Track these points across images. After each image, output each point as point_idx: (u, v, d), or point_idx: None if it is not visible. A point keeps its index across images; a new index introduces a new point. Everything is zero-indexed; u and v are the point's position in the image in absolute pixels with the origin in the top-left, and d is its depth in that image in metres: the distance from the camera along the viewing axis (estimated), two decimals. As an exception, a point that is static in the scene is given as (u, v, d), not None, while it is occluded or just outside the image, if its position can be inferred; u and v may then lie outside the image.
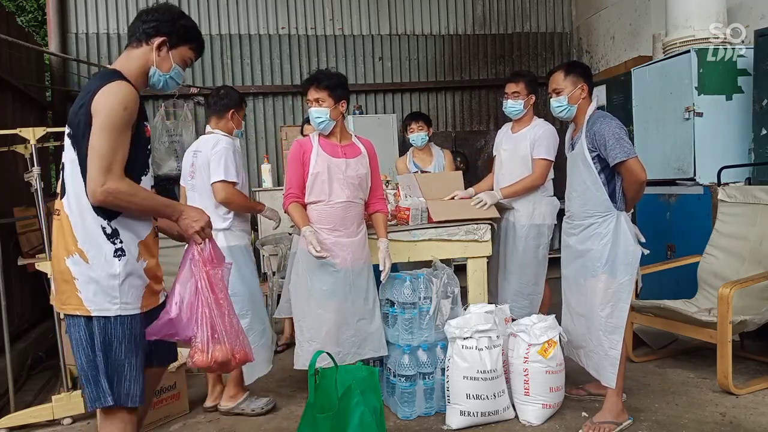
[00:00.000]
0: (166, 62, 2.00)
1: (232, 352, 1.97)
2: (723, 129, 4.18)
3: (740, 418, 2.89)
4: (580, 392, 3.19)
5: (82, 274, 1.86)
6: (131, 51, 1.99)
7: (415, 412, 3.04)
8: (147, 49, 1.98)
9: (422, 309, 3.08)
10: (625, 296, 2.78)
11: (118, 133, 1.80)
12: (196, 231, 1.96)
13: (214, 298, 1.95)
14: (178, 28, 2.01)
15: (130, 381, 1.90)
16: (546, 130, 3.60)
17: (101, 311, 1.86)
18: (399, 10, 7.17)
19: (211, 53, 6.72)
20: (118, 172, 1.80)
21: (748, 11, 4.78)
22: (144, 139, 1.94)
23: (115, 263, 1.87)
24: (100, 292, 1.86)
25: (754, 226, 3.58)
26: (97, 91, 1.82)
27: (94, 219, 1.87)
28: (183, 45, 2.03)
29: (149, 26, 1.97)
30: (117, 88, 1.83)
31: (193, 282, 1.94)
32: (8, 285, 3.41)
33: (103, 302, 1.86)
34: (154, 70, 1.99)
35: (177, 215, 1.96)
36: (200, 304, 1.93)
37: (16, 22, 5.61)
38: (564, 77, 2.89)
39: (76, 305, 1.87)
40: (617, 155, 2.67)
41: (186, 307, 1.92)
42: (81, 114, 1.84)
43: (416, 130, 4.37)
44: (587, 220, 2.84)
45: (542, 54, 7.53)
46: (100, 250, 1.86)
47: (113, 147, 1.79)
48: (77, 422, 3.21)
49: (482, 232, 3.43)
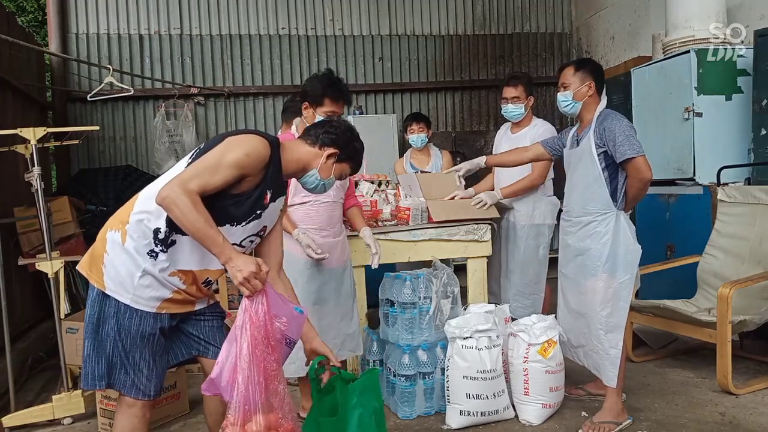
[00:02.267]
0: (327, 171, 2.14)
1: (270, 426, 1.81)
2: (723, 129, 4.18)
3: (740, 417, 2.89)
4: (579, 392, 3.19)
5: (113, 252, 1.90)
6: (301, 144, 2.14)
7: (415, 411, 3.04)
8: (318, 152, 2.11)
9: (422, 309, 3.08)
10: (625, 295, 2.78)
11: (219, 167, 1.84)
12: (240, 282, 1.79)
13: (256, 363, 1.77)
14: (351, 148, 2.18)
15: (134, 374, 1.92)
16: (545, 129, 3.60)
17: (115, 294, 1.90)
18: (399, 10, 7.17)
19: (212, 53, 6.73)
20: (191, 188, 1.79)
21: (747, 11, 4.78)
22: (257, 204, 1.96)
23: (143, 258, 1.89)
24: (119, 277, 1.89)
25: (753, 226, 3.58)
26: (234, 135, 1.94)
27: (158, 216, 1.88)
28: (346, 162, 2.18)
29: (328, 136, 2.12)
30: (254, 138, 1.93)
31: (237, 344, 1.78)
32: (8, 285, 3.41)
33: (119, 287, 1.89)
34: (315, 172, 2.12)
35: (224, 259, 1.81)
36: (240, 371, 1.76)
37: (17, 22, 5.61)
38: (573, 72, 2.88)
39: (96, 278, 1.92)
40: (626, 151, 2.67)
41: (227, 371, 1.77)
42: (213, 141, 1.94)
43: (416, 131, 4.37)
44: (586, 217, 2.84)
45: (542, 54, 7.54)
46: (141, 242, 1.89)
47: (204, 172, 1.83)
48: (77, 422, 3.21)
49: (482, 232, 3.43)
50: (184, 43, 6.70)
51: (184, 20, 6.71)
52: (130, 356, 1.91)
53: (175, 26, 6.69)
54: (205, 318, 2.10)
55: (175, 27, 6.69)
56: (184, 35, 6.70)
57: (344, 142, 2.15)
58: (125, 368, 1.92)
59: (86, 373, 1.93)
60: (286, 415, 1.84)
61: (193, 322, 2.09)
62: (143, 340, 1.92)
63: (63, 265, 3.12)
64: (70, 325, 3.42)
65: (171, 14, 6.68)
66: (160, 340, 1.97)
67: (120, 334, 1.90)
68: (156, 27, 6.65)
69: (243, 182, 1.90)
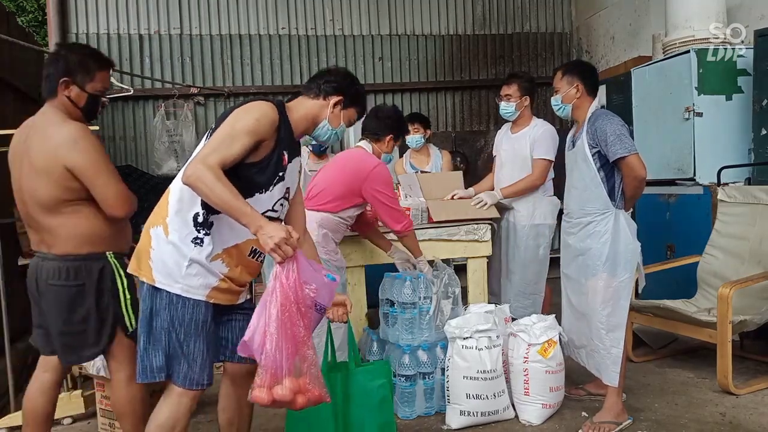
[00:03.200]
0: (337, 119, 2.16)
1: (299, 390, 1.84)
2: (723, 129, 4.18)
3: (740, 417, 2.89)
4: (579, 392, 3.19)
5: (158, 246, 1.94)
6: (307, 98, 2.15)
7: (415, 411, 3.04)
8: (323, 103, 2.13)
9: (422, 309, 3.08)
10: (625, 294, 2.78)
11: (235, 137, 1.87)
12: (271, 248, 1.80)
13: (284, 328, 1.79)
14: (354, 92, 2.19)
15: (189, 364, 1.94)
16: (545, 130, 3.60)
17: (165, 285, 1.92)
18: (399, 10, 7.17)
19: (211, 53, 6.72)
20: (212, 162, 1.81)
21: (747, 11, 4.78)
22: (278, 166, 2.00)
23: (188, 247, 1.92)
24: (167, 269, 1.92)
25: (753, 226, 3.58)
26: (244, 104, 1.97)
27: (192, 202, 1.92)
28: (352, 107, 2.20)
29: (330, 85, 2.14)
30: (260, 103, 1.97)
31: (267, 309, 1.81)
32: (8, 285, 3.41)
33: (168, 279, 1.92)
34: (325, 123, 2.14)
35: (254, 228, 1.82)
36: (269, 335, 1.79)
37: (17, 22, 5.62)
38: (561, 77, 2.93)
39: (146, 273, 1.94)
40: (618, 151, 2.68)
41: (258, 334, 1.81)
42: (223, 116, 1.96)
43: (412, 131, 4.37)
44: (585, 218, 2.84)
45: (542, 54, 7.53)
46: (183, 231, 1.93)
47: (221, 145, 1.85)
48: (78, 422, 3.21)
49: (482, 232, 3.43)
50: (184, 42, 6.69)
51: (184, 20, 6.71)
52: (185, 346, 1.94)
53: (175, 26, 6.69)
54: (235, 318, 2.13)
55: (175, 27, 6.69)
56: (184, 35, 6.70)
57: (347, 86, 2.17)
58: (180, 359, 1.94)
59: (144, 366, 1.94)
60: (314, 381, 1.87)
61: (225, 323, 2.11)
62: (197, 329, 1.95)
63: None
64: (70, 325, 3.41)
65: (171, 14, 6.67)
66: (211, 328, 2.00)
67: (173, 324, 1.93)
68: (156, 27, 6.65)
69: (260, 148, 1.94)
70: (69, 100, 2.26)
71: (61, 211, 2.18)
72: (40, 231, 2.25)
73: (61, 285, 2.18)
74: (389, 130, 3.09)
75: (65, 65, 2.23)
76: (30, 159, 2.20)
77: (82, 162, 2.11)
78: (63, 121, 2.21)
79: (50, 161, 2.15)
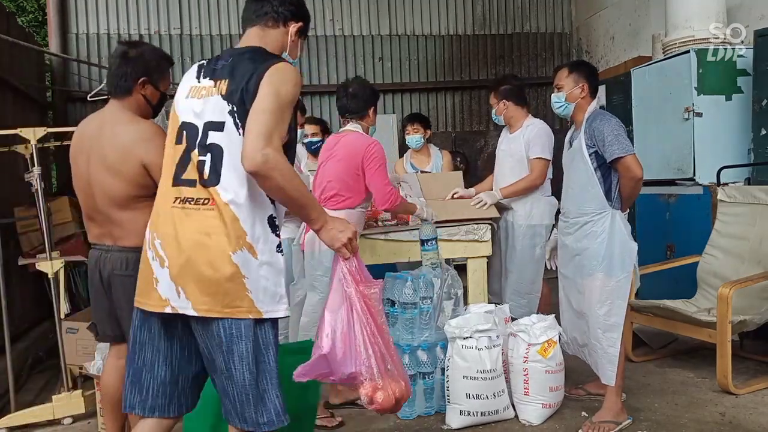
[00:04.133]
0: (296, 50, 1.90)
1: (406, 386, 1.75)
2: (722, 129, 4.18)
3: (740, 417, 2.89)
4: (579, 392, 3.19)
5: (252, 272, 1.66)
6: (267, 30, 1.83)
7: (414, 411, 3.04)
8: (283, 31, 1.85)
9: (423, 309, 3.08)
10: (622, 294, 2.78)
11: (284, 110, 1.66)
12: (343, 244, 1.68)
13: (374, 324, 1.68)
14: (306, 15, 1.93)
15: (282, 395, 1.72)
16: (539, 129, 3.61)
17: (273, 312, 1.70)
18: (399, 10, 7.17)
19: (211, 53, 6.72)
20: (278, 145, 1.61)
21: (747, 11, 4.78)
22: (295, 127, 1.82)
23: (277, 258, 1.71)
24: (269, 293, 1.69)
25: (753, 226, 3.58)
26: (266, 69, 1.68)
27: (264, 207, 1.69)
28: (304, 35, 1.94)
29: (287, 8, 1.85)
30: (289, 68, 1.72)
31: (347, 307, 1.68)
32: (8, 285, 3.41)
33: (275, 304, 1.71)
34: (286, 56, 1.86)
35: (321, 224, 1.71)
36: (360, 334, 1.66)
37: (17, 22, 5.62)
38: (567, 74, 2.91)
39: (246, 308, 1.65)
40: (615, 151, 2.68)
41: (340, 339, 1.66)
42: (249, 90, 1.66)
43: (411, 132, 4.37)
44: (582, 218, 2.84)
45: (542, 54, 7.53)
46: (267, 243, 1.69)
47: (277, 121, 1.63)
48: (78, 422, 3.21)
49: (482, 232, 3.43)
50: (184, 43, 6.70)
51: (184, 20, 6.71)
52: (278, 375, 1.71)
53: (175, 26, 6.70)
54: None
55: (175, 27, 6.69)
56: (184, 35, 6.70)
57: (303, 11, 1.90)
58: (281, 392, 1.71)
59: (269, 419, 1.67)
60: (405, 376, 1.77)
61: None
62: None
63: (63, 265, 3.12)
64: (70, 325, 3.42)
65: (171, 14, 6.68)
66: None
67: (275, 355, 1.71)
68: (156, 27, 6.66)
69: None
70: (144, 98, 2.33)
71: (133, 206, 2.22)
72: (106, 224, 2.29)
73: (128, 275, 2.19)
74: (369, 103, 3.12)
75: (144, 65, 2.30)
76: (101, 155, 2.24)
77: (158, 159, 2.05)
78: (134, 120, 2.29)
79: (125, 158, 2.20)
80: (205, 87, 1.75)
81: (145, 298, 1.74)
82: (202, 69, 1.82)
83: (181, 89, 1.84)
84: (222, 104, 1.70)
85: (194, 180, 1.69)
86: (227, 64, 1.76)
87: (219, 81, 1.73)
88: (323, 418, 2.96)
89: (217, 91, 1.72)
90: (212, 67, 1.79)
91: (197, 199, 1.68)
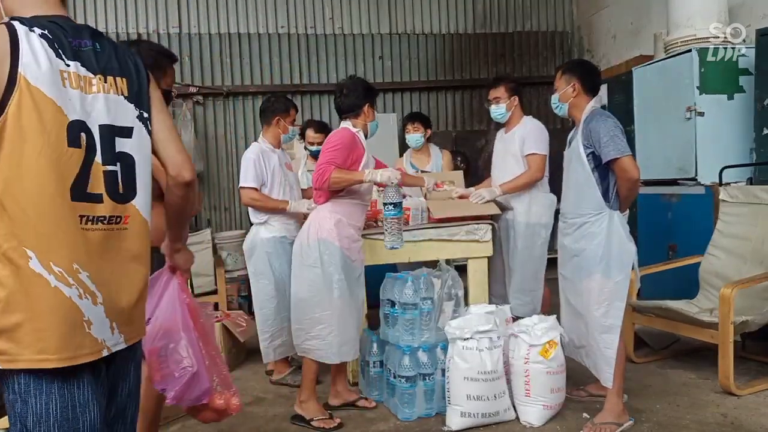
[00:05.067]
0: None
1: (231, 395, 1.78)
2: (724, 128, 4.16)
3: (742, 418, 2.87)
4: (581, 393, 3.18)
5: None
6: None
7: (415, 413, 3.02)
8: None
9: (423, 310, 3.07)
10: (620, 295, 2.76)
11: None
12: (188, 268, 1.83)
13: (203, 336, 1.72)
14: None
15: None
16: (533, 126, 3.62)
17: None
18: (399, 8, 7.14)
19: (211, 53, 6.70)
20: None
21: (749, 10, 4.76)
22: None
23: None
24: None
25: (755, 226, 3.56)
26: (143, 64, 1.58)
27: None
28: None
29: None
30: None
31: (186, 322, 1.70)
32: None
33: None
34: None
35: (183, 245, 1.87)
36: (199, 346, 1.68)
37: (15, 21, 5.59)
38: (560, 75, 2.93)
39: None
40: (610, 152, 2.67)
41: (196, 355, 1.65)
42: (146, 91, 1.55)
43: (412, 131, 4.36)
44: (580, 218, 2.83)
45: (543, 53, 7.50)
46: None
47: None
48: (76, 423, 3.19)
49: (483, 232, 3.42)
50: (182, 41, 6.67)
51: (182, 19, 6.69)
52: None
53: (174, 25, 6.67)
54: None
55: (173, 26, 6.67)
56: (182, 34, 6.68)
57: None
58: None
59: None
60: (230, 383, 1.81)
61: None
62: None
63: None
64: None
65: (170, 13, 6.65)
66: None
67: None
68: (155, 26, 6.63)
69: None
70: None
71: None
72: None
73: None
74: (364, 100, 3.10)
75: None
76: None
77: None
78: None
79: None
80: (86, 78, 1.39)
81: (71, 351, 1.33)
82: (58, 47, 1.35)
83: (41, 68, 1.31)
84: (128, 107, 1.47)
85: (101, 194, 1.40)
86: (102, 53, 1.44)
87: (109, 77, 1.44)
88: (322, 420, 2.95)
89: (115, 90, 1.45)
90: (73, 48, 1.38)
91: (111, 218, 1.41)
